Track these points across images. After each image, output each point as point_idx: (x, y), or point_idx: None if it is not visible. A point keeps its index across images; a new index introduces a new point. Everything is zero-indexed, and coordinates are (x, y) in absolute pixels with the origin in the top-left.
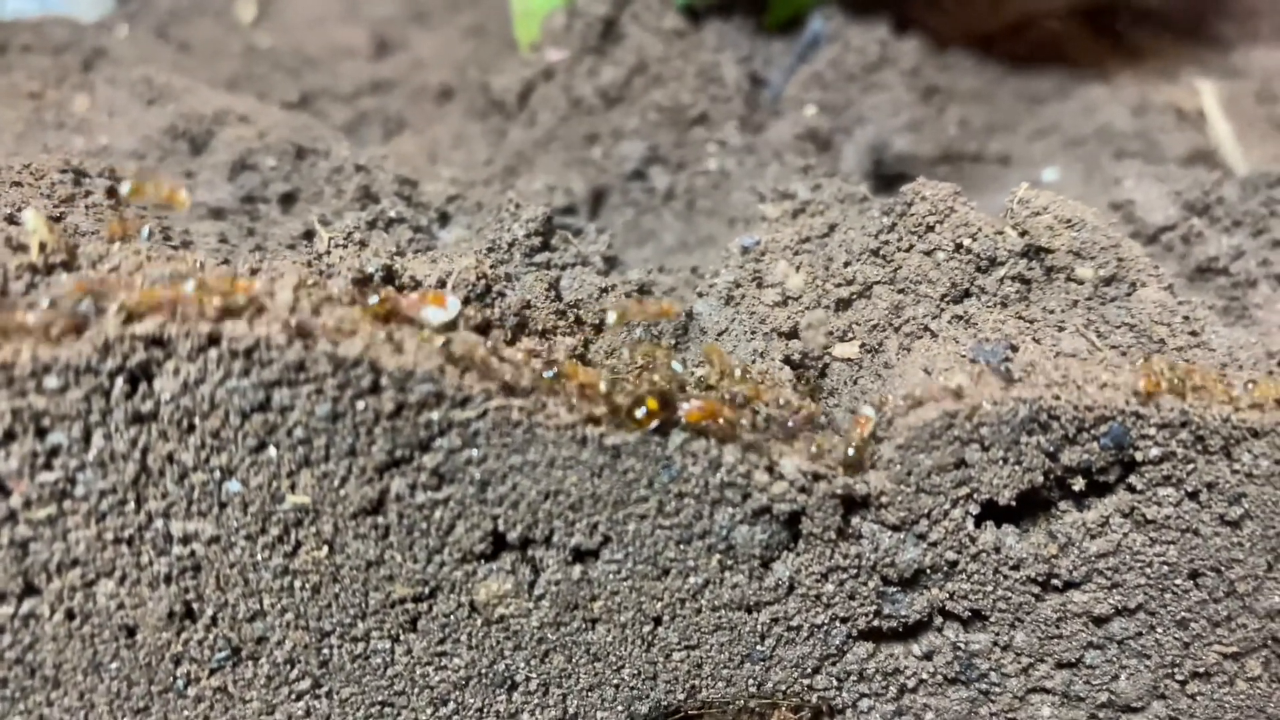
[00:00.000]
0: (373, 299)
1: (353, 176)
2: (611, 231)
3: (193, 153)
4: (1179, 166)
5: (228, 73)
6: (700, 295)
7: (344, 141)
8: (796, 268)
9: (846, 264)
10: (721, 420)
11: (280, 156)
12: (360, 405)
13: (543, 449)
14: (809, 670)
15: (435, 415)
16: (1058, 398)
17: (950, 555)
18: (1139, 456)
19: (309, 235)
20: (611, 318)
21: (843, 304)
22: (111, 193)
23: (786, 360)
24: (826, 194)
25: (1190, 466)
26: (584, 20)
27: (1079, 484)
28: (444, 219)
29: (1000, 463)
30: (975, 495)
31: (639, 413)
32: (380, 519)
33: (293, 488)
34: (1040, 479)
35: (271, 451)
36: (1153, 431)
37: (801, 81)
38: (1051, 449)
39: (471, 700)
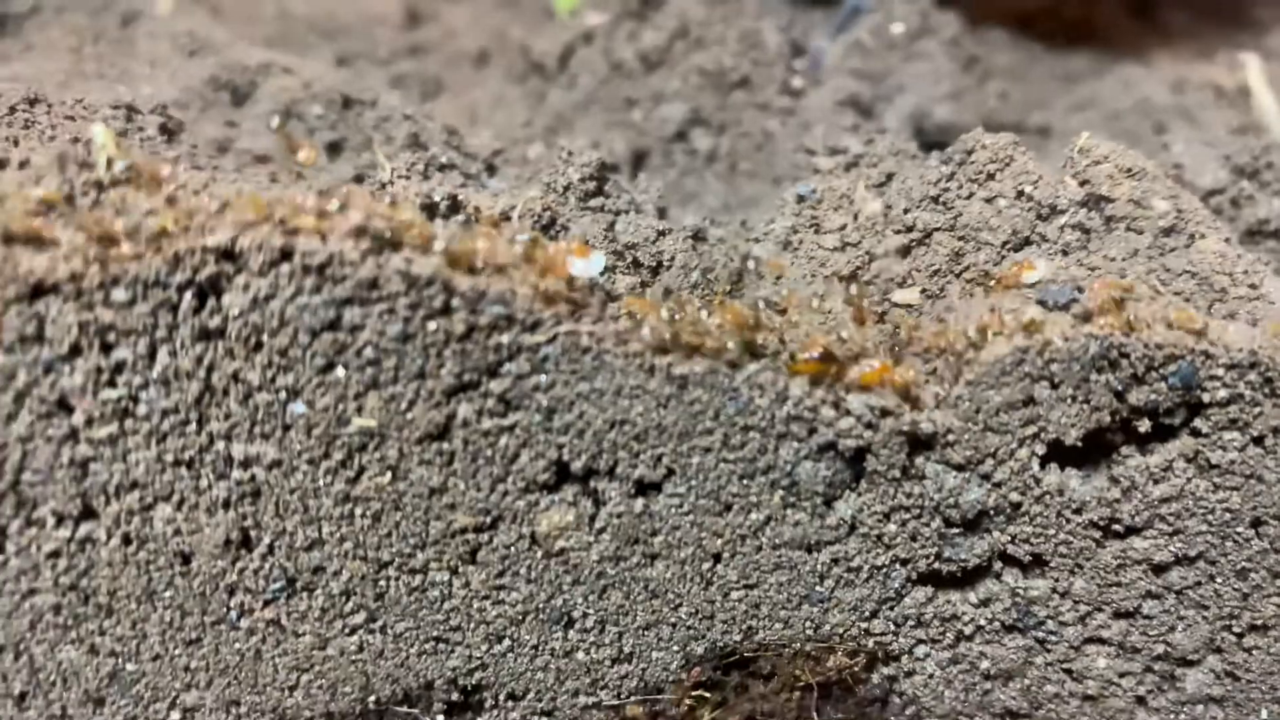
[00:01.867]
0: (521, 238)
1: (401, 124)
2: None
3: (235, 103)
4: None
5: (263, 36)
6: (757, 241)
7: (393, 92)
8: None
9: (906, 210)
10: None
11: (327, 105)
12: (431, 326)
13: (610, 376)
14: (866, 614)
15: (505, 339)
16: (1129, 334)
17: (1014, 497)
18: (1205, 398)
19: (359, 180)
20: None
21: (903, 250)
22: (164, 129)
23: (848, 302)
24: (880, 148)
25: (1257, 410)
26: None
27: (1144, 425)
28: (491, 170)
29: (1069, 400)
30: (1042, 435)
31: (804, 355)
32: (445, 445)
33: (359, 410)
34: (1107, 419)
35: (340, 372)
36: (1221, 372)
37: (841, 50)
38: (1120, 387)
39: (527, 637)
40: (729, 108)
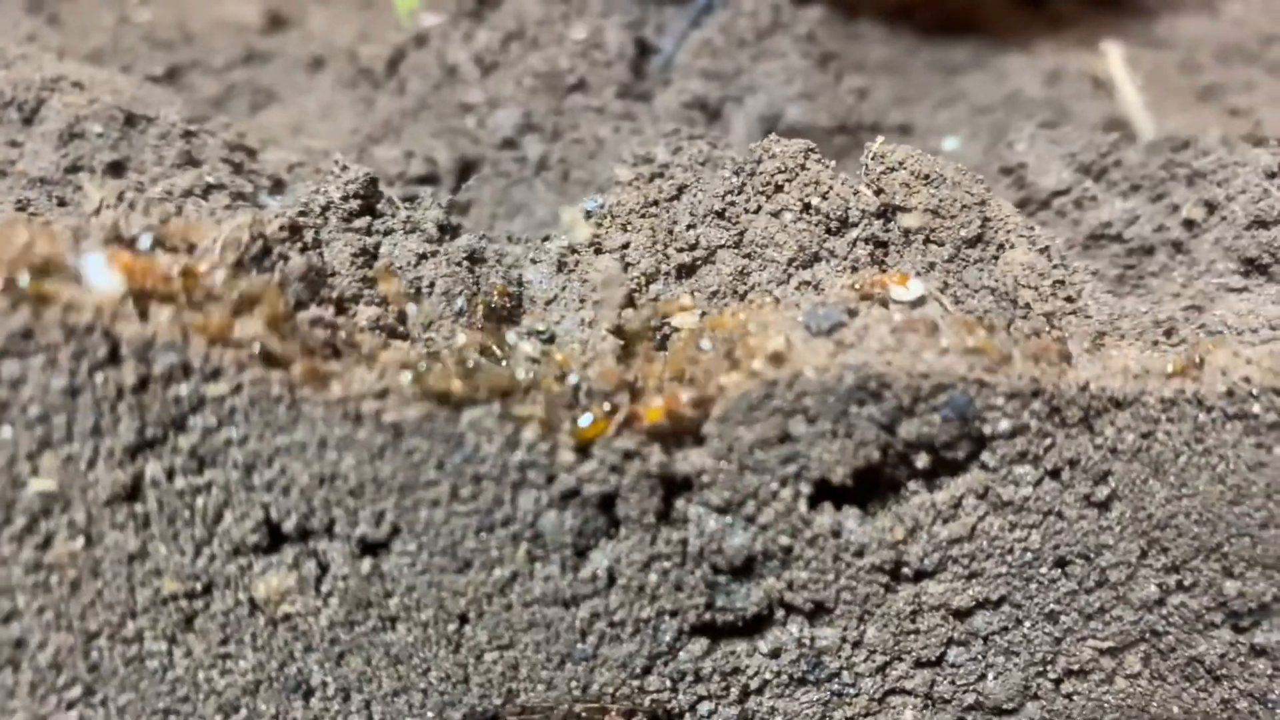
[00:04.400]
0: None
1: (176, 142)
2: (474, 202)
3: (23, 122)
4: (1090, 133)
5: (93, 45)
6: (533, 262)
7: (175, 105)
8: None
9: (690, 227)
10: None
11: (108, 123)
12: (99, 378)
13: (311, 428)
14: (639, 670)
15: (184, 389)
16: (889, 363)
17: (784, 540)
18: (987, 430)
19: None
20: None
21: (685, 270)
22: None
23: (617, 330)
24: (686, 156)
25: (1047, 442)
26: None
27: (923, 461)
28: (278, 186)
29: (829, 436)
30: (805, 473)
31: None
32: (138, 506)
33: (35, 471)
34: (877, 455)
35: (6, 431)
36: (1000, 401)
37: (691, 49)
38: (886, 421)
39: (265, 707)
40: (564, 112)
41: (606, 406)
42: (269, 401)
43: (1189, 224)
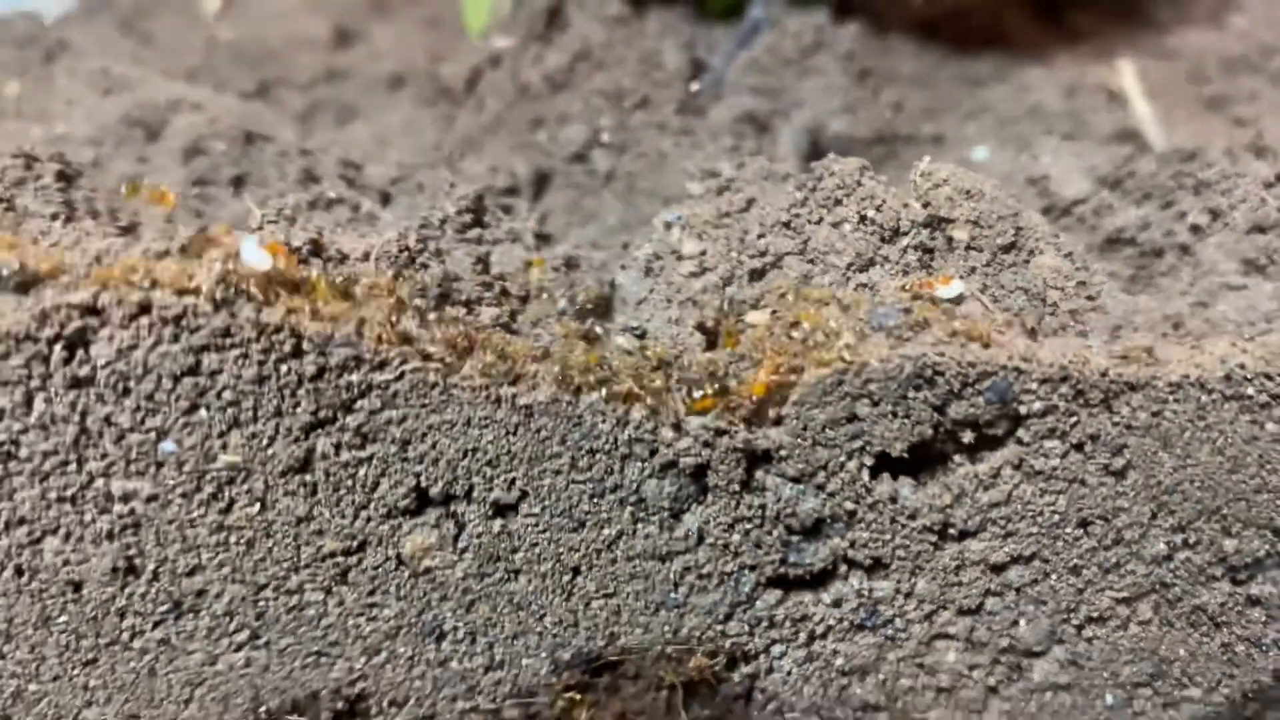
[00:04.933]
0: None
1: (296, 159)
2: (549, 212)
3: (148, 139)
4: (1104, 144)
5: (188, 65)
6: (624, 268)
7: (289, 127)
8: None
9: (760, 236)
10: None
11: (230, 142)
12: (284, 368)
13: (459, 409)
14: (721, 617)
15: (355, 377)
16: (941, 354)
17: (848, 505)
18: (1023, 410)
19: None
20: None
21: (756, 274)
22: (61, 175)
23: (699, 326)
24: (749, 171)
25: (1073, 419)
26: (529, 8)
27: (968, 436)
28: (386, 199)
29: (890, 416)
30: (868, 448)
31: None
32: (308, 477)
33: (224, 447)
34: (930, 432)
35: (203, 413)
36: (1034, 386)
37: (741, 67)
38: (939, 403)
39: (402, 649)
40: (628, 128)
41: (714, 387)
42: (425, 387)
43: (1195, 229)
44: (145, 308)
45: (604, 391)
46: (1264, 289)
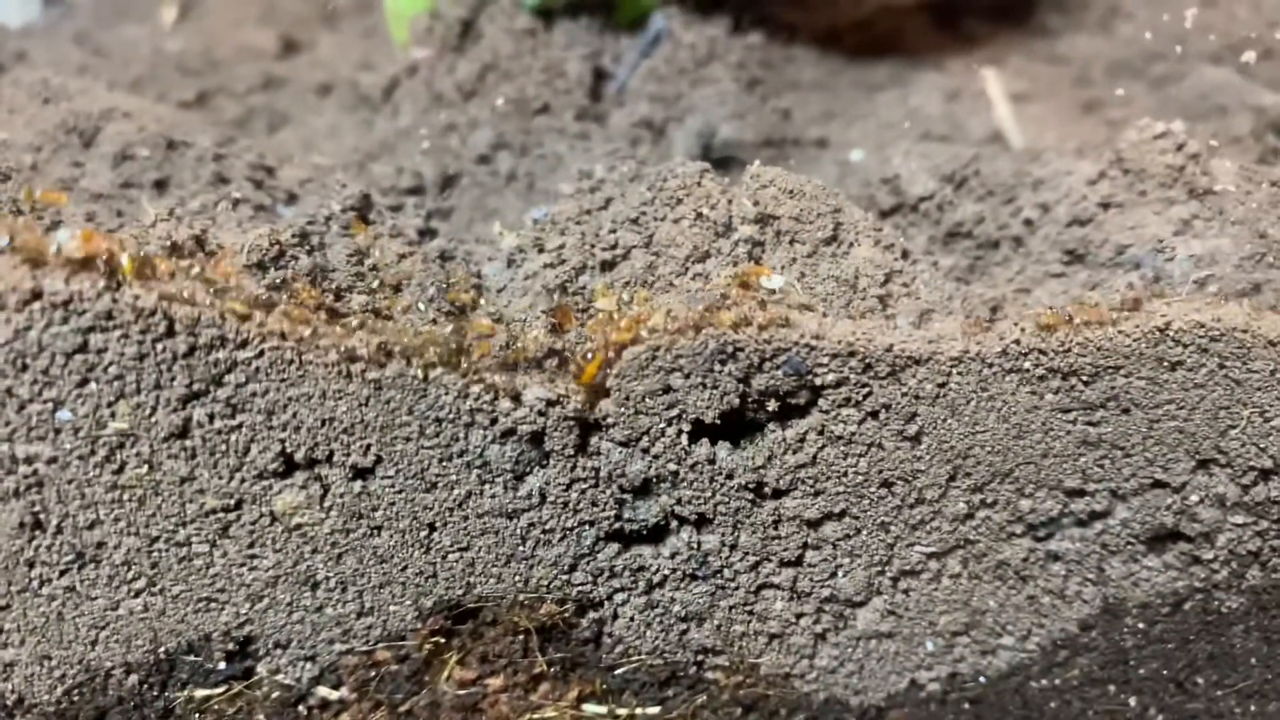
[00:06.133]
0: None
1: (210, 164)
2: (455, 209)
3: (83, 146)
4: (974, 145)
5: (135, 75)
6: (490, 259)
7: (209, 133)
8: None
9: (612, 231)
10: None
11: (154, 148)
12: (160, 347)
13: (315, 383)
14: (566, 568)
15: (221, 355)
16: (741, 333)
17: (672, 467)
18: (818, 382)
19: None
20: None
21: (606, 265)
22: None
23: (549, 311)
24: (617, 174)
25: (865, 390)
26: (444, 22)
27: (773, 405)
28: (292, 199)
29: (700, 388)
30: (685, 415)
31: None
32: (188, 442)
33: (114, 416)
34: (737, 401)
35: (93, 385)
36: (826, 360)
37: (641, 76)
38: (741, 375)
39: (282, 596)
40: (531, 132)
41: (555, 362)
42: (283, 364)
43: (1028, 222)
44: (37, 294)
45: (447, 366)
46: (1080, 276)
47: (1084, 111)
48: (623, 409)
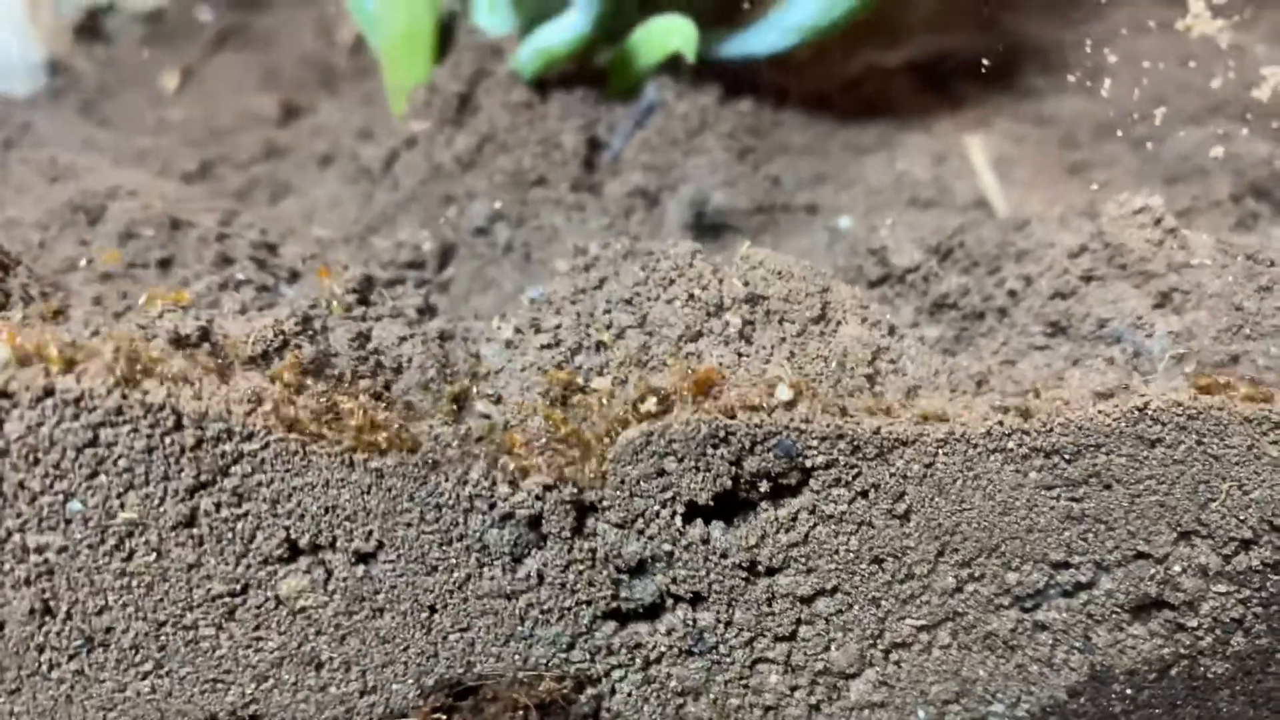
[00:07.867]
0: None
1: (213, 244)
2: (453, 280)
3: (90, 223)
4: (959, 212)
5: (139, 146)
6: (488, 341)
7: (214, 214)
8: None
9: (606, 311)
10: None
11: (158, 228)
12: (168, 440)
13: (318, 472)
14: (565, 646)
15: (228, 447)
16: (732, 417)
17: (666, 547)
18: (809, 464)
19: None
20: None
21: (601, 345)
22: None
23: (546, 393)
24: (611, 251)
25: (854, 471)
26: (442, 95)
27: (765, 486)
28: (295, 277)
29: (694, 470)
30: (679, 497)
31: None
32: (195, 530)
33: (123, 506)
34: (730, 483)
35: (103, 478)
36: (815, 443)
37: (635, 146)
38: (734, 458)
39: (287, 676)
40: (527, 203)
41: (555, 446)
42: (288, 455)
43: (1012, 293)
44: (50, 391)
45: (447, 453)
46: (1062, 349)
47: (1069, 173)
48: (618, 491)
